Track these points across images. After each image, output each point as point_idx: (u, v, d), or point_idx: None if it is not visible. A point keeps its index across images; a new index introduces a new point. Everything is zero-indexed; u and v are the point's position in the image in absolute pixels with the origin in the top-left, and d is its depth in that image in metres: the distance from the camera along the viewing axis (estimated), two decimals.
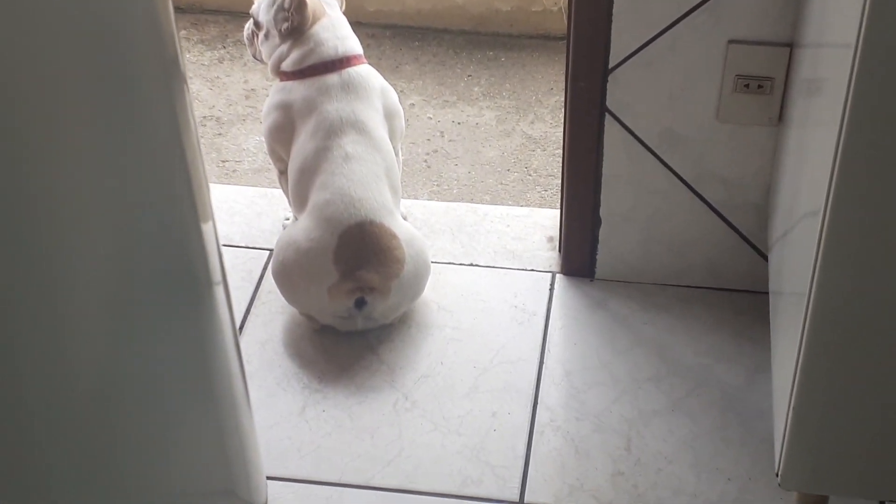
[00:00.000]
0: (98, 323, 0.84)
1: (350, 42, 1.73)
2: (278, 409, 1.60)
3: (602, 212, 1.70)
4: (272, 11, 1.73)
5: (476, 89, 2.59)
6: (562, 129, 2.44)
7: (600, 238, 1.73)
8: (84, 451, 0.85)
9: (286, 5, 1.69)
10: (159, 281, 0.92)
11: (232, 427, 1.13)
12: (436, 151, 2.40)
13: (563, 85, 2.58)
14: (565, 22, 2.68)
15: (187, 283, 0.99)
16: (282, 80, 1.74)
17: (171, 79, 0.89)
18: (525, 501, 1.48)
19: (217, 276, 1.04)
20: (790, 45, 1.51)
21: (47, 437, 0.80)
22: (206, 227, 1.00)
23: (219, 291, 1.05)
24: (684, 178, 1.65)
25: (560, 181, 1.71)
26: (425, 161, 2.37)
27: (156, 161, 0.89)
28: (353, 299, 1.63)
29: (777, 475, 1.29)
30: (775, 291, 1.49)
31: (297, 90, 1.71)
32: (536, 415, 1.58)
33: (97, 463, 0.89)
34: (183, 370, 1.00)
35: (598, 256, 1.75)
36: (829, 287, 1.13)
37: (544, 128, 2.46)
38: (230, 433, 1.13)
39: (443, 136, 2.44)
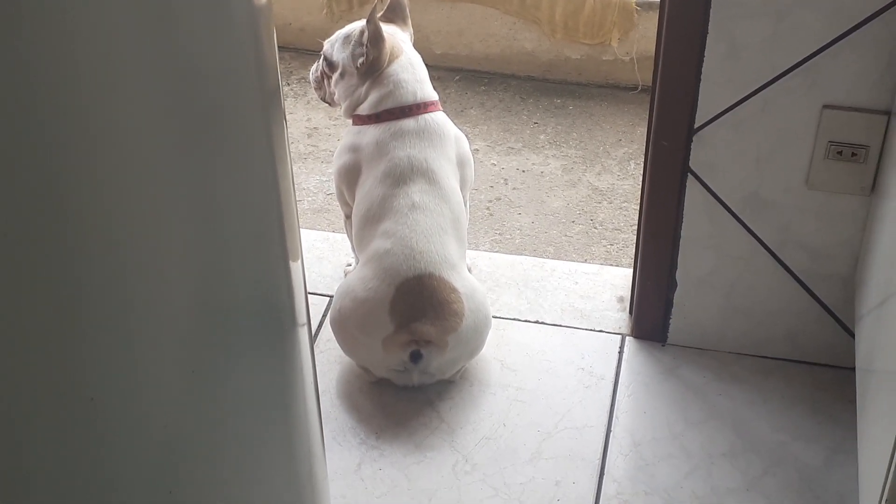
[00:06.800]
0: (177, 361, 0.81)
1: (428, 87, 1.68)
2: (333, 465, 1.54)
3: (678, 275, 1.63)
4: (349, 48, 1.68)
5: (542, 137, 2.53)
6: (629, 182, 2.38)
7: (675, 302, 1.66)
8: (157, 493, 0.83)
9: (363, 39, 1.65)
10: (245, 319, 0.89)
11: (306, 476, 1.08)
12: (499, 199, 2.34)
13: (631, 136, 2.53)
14: (637, 74, 2.64)
15: (274, 322, 0.95)
16: (356, 123, 1.69)
17: (270, 111, 0.85)
18: None
19: (303, 318, 1.00)
20: (888, 113, 1.44)
21: (119, 475, 0.77)
22: (295, 267, 0.96)
23: (303, 333, 1.01)
24: (768, 244, 1.57)
25: (633, 238, 1.65)
26: (488, 209, 2.31)
27: (251, 195, 0.85)
28: (409, 352, 1.57)
29: None
30: (865, 369, 1.41)
31: (370, 133, 1.66)
32: (602, 486, 1.51)
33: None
34: (263, 414, 0.97)
35: (671, 321, 1.68)
36: None
37: (611, 179, 2.40)
38: (304, 482, 1.09)
39: (507, 184, 2.38)
